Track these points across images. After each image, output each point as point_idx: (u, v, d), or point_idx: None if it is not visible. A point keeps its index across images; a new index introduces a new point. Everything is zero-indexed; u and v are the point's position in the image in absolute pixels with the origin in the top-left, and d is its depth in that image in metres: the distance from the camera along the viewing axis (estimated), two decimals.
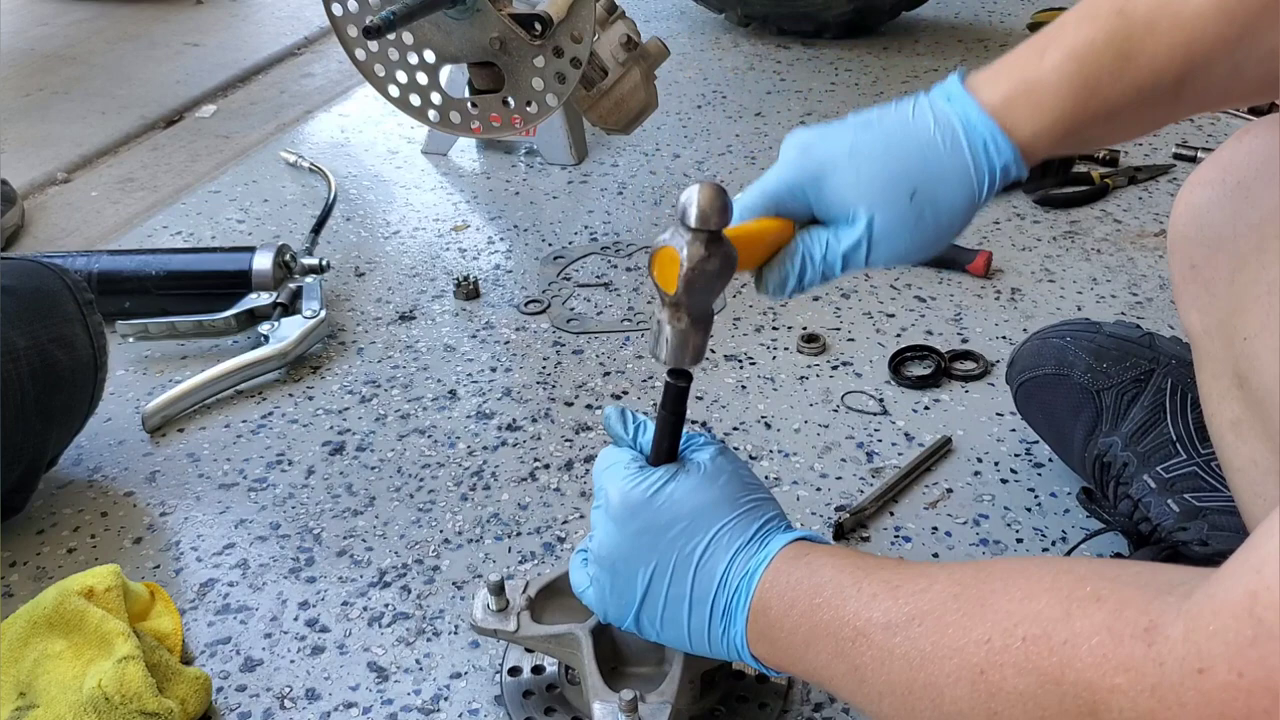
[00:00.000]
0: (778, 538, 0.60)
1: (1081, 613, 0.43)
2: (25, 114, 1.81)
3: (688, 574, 0.60)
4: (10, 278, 0.87)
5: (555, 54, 1.13)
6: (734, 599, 0.59)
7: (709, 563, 0.60)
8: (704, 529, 0.61)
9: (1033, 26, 1.97)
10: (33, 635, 0.72)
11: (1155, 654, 0.39)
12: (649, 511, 0.61)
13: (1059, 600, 0.44)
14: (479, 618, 0.70)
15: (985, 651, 0.46)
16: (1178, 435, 0.80)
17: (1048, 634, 0.43)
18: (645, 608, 0.62)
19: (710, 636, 0.60)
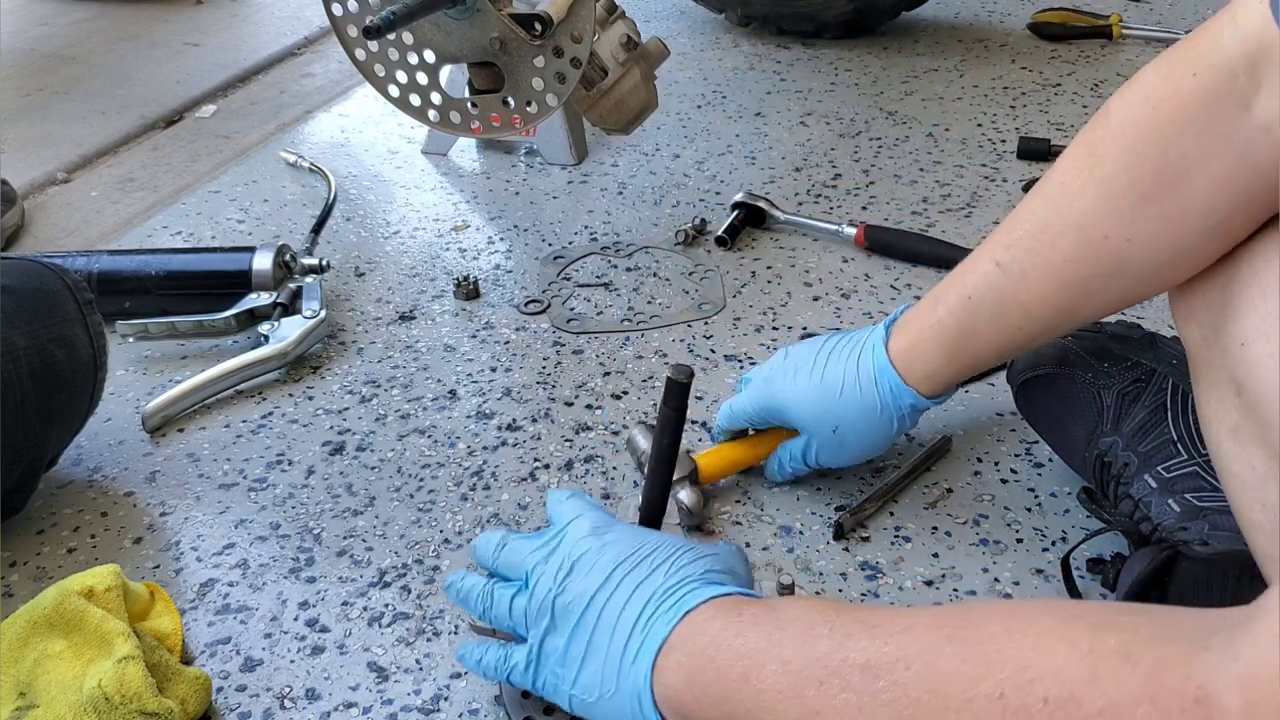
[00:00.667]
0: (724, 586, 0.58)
1: (1112, 676, 0.38)
2: (25, 114, 1.81)
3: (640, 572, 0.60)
4: (10, 278, 0.87)
5: (555, 54, 1.13)
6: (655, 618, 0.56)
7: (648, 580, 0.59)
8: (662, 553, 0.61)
9: (1033, 27, 1.97)
10: (33, 635, 0.72)
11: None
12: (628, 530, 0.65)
13: (1080, 656, 0.40)
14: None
15: (999, 710, 0.41)
16: (1179, 435, 0.80)
17: (1076, 699, 0.39)
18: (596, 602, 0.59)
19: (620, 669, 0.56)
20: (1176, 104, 0.61)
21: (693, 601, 0.56)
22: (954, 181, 1.45)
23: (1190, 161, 0.60)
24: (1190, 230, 0.61)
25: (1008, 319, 0.72)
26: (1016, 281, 0.70)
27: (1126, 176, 0.63)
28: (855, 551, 0.86)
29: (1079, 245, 0.66)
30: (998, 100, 1.71)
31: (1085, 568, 0.82)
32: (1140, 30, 1.93)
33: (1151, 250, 0.63)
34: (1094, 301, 0.69)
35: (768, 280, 1.24)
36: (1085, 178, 0.66)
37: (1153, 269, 0.64)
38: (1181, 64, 0.61)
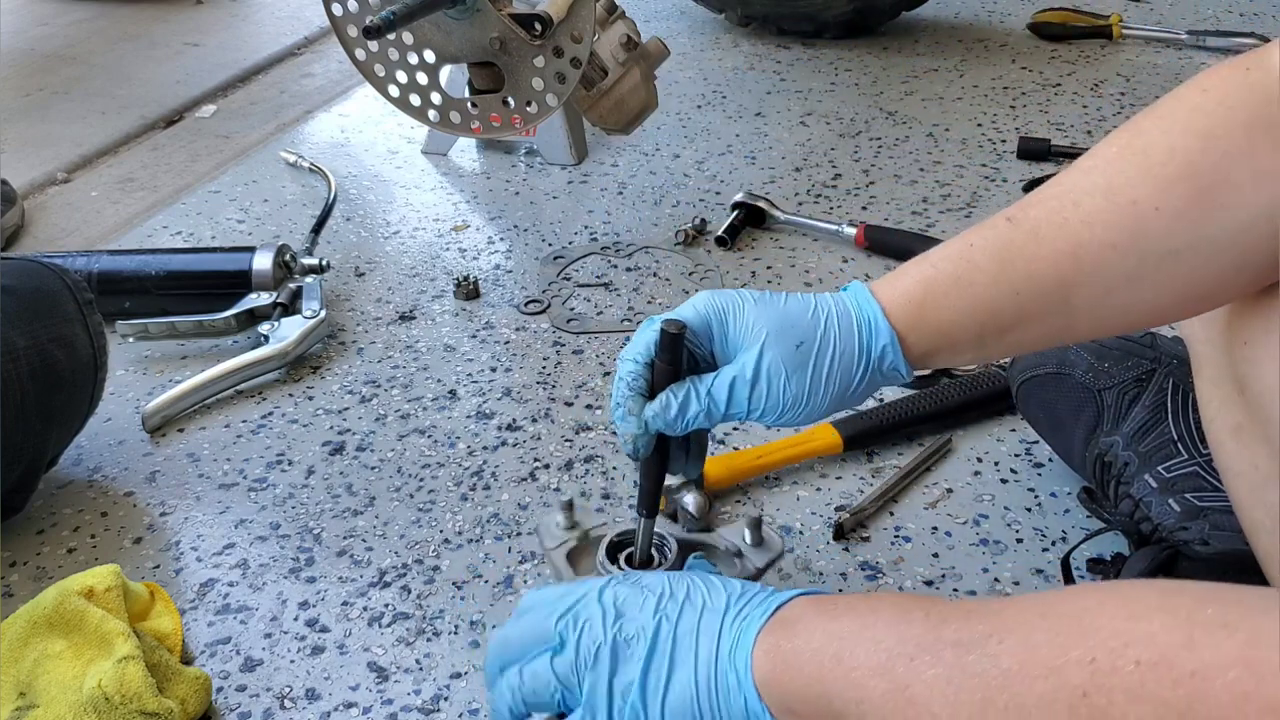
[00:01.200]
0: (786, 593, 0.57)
1: (1209, 641, 0.38)
2: (25, 114, 1.81)
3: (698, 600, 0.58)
4: (10, 278, 0.87)
5: (555, 54, 1.13)
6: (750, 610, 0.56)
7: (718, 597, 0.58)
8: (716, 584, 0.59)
9: (1033, 27, 1.97)
10: (33, 635, 0.72)
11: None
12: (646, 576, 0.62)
13: (1178, 623, 0.40)
14: (549, 540, 0.79)
15: (1089, 673, 0.40)
16: (1179, 435, 0.80)
17: (1169, 661, 0.39)
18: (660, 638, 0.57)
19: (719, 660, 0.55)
20: (1228, 91, 0.57)
21: (780, 600, 0.56)
22: (954, 181, 1.45)
23: (1235, 148, 0.56)
24: (1216, 220, 0.57)
25: (1009, 275, 0.62)
26: (1028, 236, 0.62)
27: (1169, 149, 0.58)
28: (855, 551, 0.86)
29: (1104, 207, 0.59)
30: (998, 100, 1.71)
31: (1085, 568, 0.82)
32: (1140, 30, 1.93)
33: (1172, 229, 0.58)
34: (1096, 282, 0.61)
35: (768, 280, 1.24)
36: (1123, 146, 0.60)
37: (1165, 254, 0.58)
38: (1236, 63, 0.59)
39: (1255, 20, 2.03)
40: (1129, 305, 0.61)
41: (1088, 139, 1.56)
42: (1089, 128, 1.60)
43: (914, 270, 0.66)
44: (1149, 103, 0.64)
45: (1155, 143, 0.59)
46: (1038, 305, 0.62)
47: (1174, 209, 0.57)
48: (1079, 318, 0.62)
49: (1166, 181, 0.58)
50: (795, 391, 0.65)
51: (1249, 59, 0.58)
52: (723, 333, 0.66)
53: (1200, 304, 0.61)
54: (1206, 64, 1.81)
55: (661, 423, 0.65)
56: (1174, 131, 0.58)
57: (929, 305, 0.64)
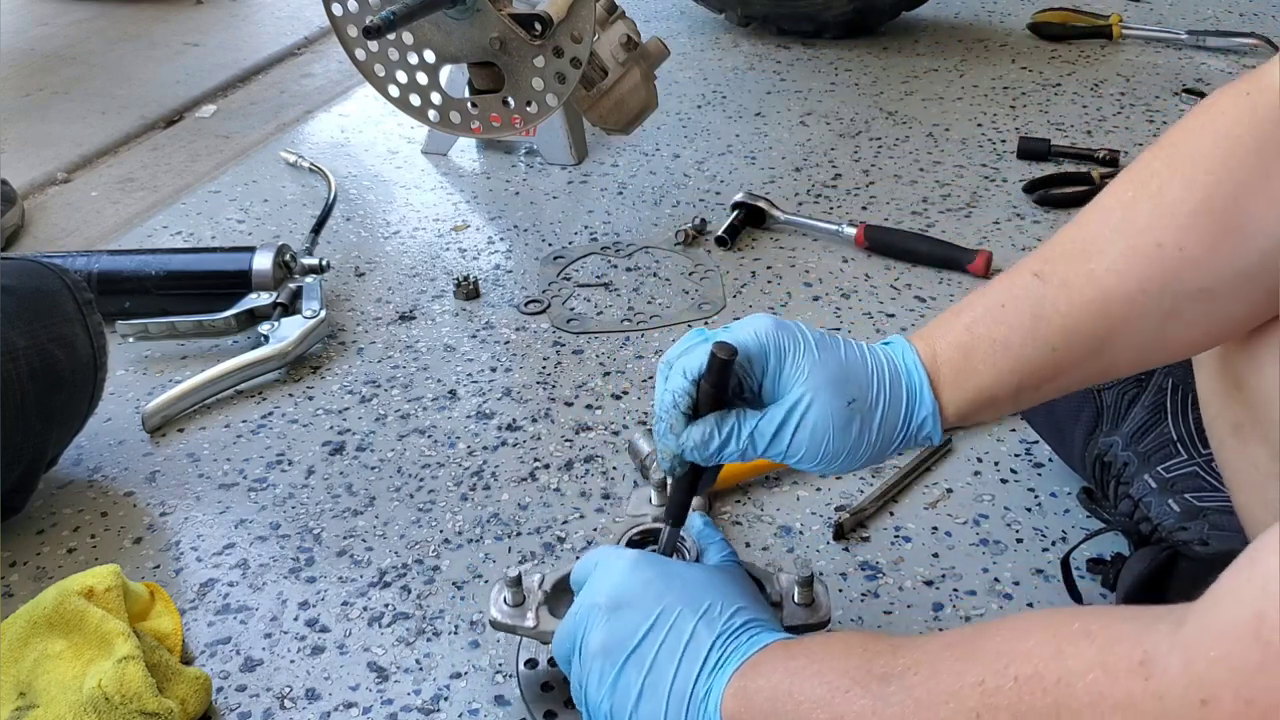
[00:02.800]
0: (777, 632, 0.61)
1: (1073, 650, 0.42)
2: (25, 114, 1.81)
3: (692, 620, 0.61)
4: (10, 278, 0.87)
5: (555, 54, 1.13)
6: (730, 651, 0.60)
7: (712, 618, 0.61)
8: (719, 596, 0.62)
9: (1033, 27, 1.97)
10: (33, 635, 0.72)
11: (1154, 688, 0.38)
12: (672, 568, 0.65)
13: (1049, 638, 0.44)
14: (497, 614, 0.71)
15: (979, 694, 0.45)
16: (1178, 435, 0.80)
17: (1040, 673, 0.43)
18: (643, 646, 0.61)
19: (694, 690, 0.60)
20: (1231, 120, 0.58)
21: (761, 643, 0.60)
22: (954, 181, 1.45)
23: (1250, 177, 0.56)
24: (1243, 252, 0.56)
25: (1043, 335, 0.62)
26: (1058, 290, 0.61)
27: (1185, 186, 0.58)
28: (855, 551, 0.86)
29: (1128, 254, 0.59)
30: (998, 100, 1.71)
31: (1085, 568, 0.82)
32: (1140, 30, 1.93)
33: (1204, 266, 0.57)
34: (1132, 328, 0.60)
35: (768, 280, 1.24)
36: (1138, 191, 0.60)
37: (1197, 292, 0.58)
38: (1234, 87, 0.59)
39: (1255, 20, 2.03)
40: (1166, 341, 0.61)
41: (1088, 139, 1.56)
42: (1089, 128, 1.60)
43: (951, 335, 0.65)
44: (1149, 102, 0.64)
45: (1169, 183, 0.59)
46: (1074, 356, 0.62)
47: (1199, 248, 0.57)
48: (1119, 359, 0.62)
49: (1188, 219, 0.57)
50: (837, 447, 0.64)
51: (1247, 82, 0.58)
52: (778, 368, 0.64)
53: (1237, 331, 0.60)
54: (1206, 64, 1.81)
55: (699, 455, 0.65)
56: (1185, 168, 0.58)
57: (968, 372, 0.64)
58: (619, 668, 0.61)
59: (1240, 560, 0.38)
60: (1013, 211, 1.37)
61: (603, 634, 0.62)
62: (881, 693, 0.50)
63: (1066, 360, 0.62)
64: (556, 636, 0.67)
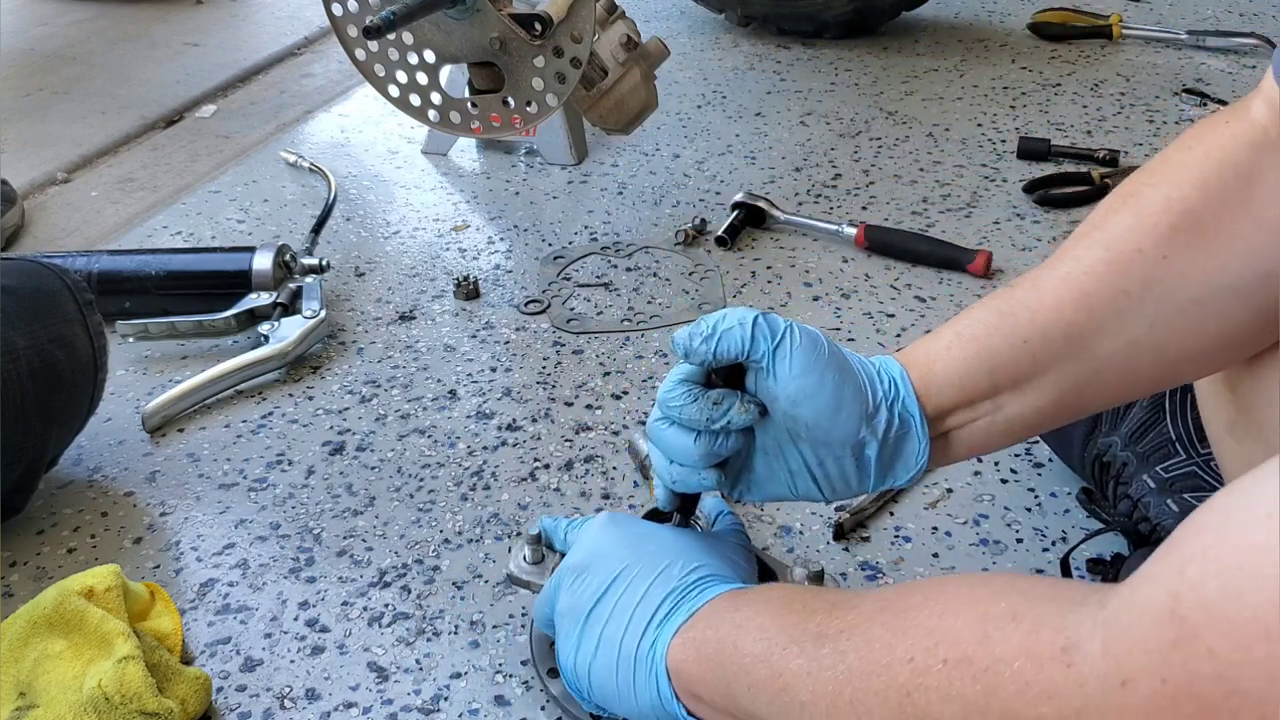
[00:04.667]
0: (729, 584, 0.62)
1: (1000, 635, 0.42)
2: (25, 114, 1.81)
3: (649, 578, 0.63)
4: (10, 278, 0.87)
5: (555, 54, 1.13)
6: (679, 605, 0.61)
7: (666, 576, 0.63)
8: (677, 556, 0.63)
9: (1033, 27, 1.97)
10: (33, 635, 0.72)
11: (1076, 675, 0.38)
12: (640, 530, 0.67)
13: (976, 619, 0.43)
14: (515, 570, 0.73)
15: (909, 671, 0.45)
16: (1177, 435, 0.80)
17: (969, 658, 0.42)
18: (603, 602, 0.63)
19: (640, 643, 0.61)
20: (1212, 143, 0.57)
21: (711, 594, 0.61)
22: (954, 181, 1.45)
23: (1234, 197, 0.56)
24: (1228, 269, 0.55)
25: (1010, 327, 0.60)
26: (1026, 289, 0.60)
27: (1165, 200, 0.57)
28: (855, 551, 0.86)
29: (1107, 258, 0.58)
30: (998, 100, 1.71)
31: (1085, 568, 0.82)
32: (1140, 30, 1.93)
33: (1186, 277, 0.56)
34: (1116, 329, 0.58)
35: (768, 280, 1.24)
36: (1117, 205, 0.60)
37: (1187, 303, 0.56)
38: (1212, 120, 0.59)
39: (1255, 20, 2.03)
40: (1157, 355, 0.59)
41: (1088, 139, 1.56)
42: (1089, 128, 1.60)
43: (919, 339, 0.65)
44: (1149, 103, 0.64)
45: (1150, 196, 0.58)
46: (1049, 352, 0.59)
47: (1182, 257, 0.56)
48: (1104, 365, 0.59)
49: (1169, 230, 0.57)
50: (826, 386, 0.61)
51: (1226, 113, 0.59)
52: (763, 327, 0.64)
53: (1240, 351, 0.59)
54: (1206, 64, 1.81)
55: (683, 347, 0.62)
56: (1167, 184, 0.58)
57: (934, 358, 0.62)
58: (580, 626, 0.64)
59: (1164, 544, 0.38)
60: (1013, 211, 1.37)
61: (568, 596, 0.65)
62: (816, 654, 0.50)
63: (1042, 355, 0.59)
64: (536, 601, 0.70)
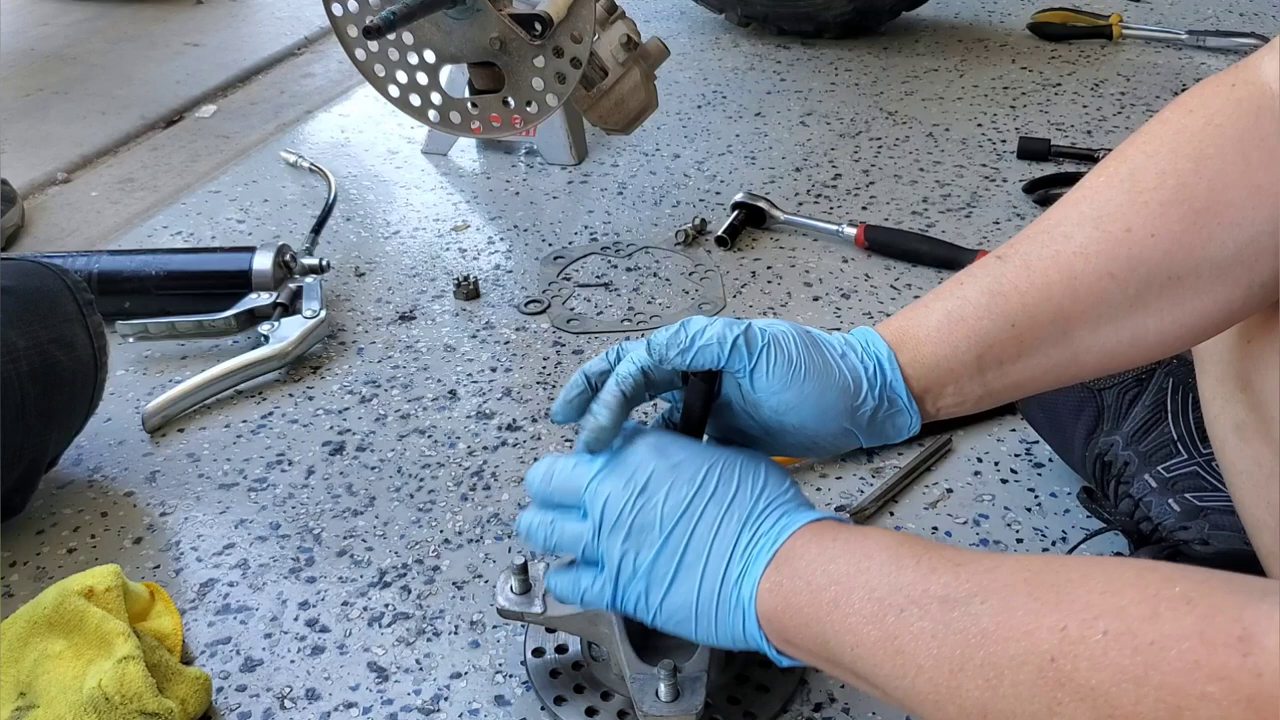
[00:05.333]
0: (805, 512, 0.59)
1: (1171, 615, 0.41)
2: (25, 114, 1.81)
3: (713, 523, 0.59)
4: (10, 278, 0.87)
5: (555, 54, 1.13)
6: (759, 541, 0.57)
7: (736, 517, 0.59)
8: (737, 489, 0.60)
9: (1033, 27, 1.97)
10: (33, 635, 0.72)
11: (1252, 664, 0.38)
12: (683, 455, 0.61)
13: (1146, 599, 0.42)
14: (504, 602, 0.71)
15: (1059, 639, 0.43)
16: (1179, 435, 0.80)
17: (1132, 632, 0.41)
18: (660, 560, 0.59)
19: (721, 596, 0.58)
20: (1214, 109, 0.57)
21: (790, 528, 0.58)
22: (954, 181, 1.45)
23: (1230, 166, 0.55)
24: (1218, 242, 0.55)
25: (1000, 309, 0.60)
26: (1018, 269, 0.60)
27: (1158, 173, 0.57)
28: None
29: (1097, 237, 0.58)
30: (998, 100, 1.71)
31: None
32: (1140, 30, 1.93)
33: (1173, 254, 0.57)
34: (1099, 313, 0.59)
35: (768, 280, 1.24)
36: (1110, 175, 0.60)
37: (1169, 280, 0.57)
38: (1218, 79, 0.58)
39: (1255, 20, 2.03)
40: (1136, 335, 0.59)
41: (1088, 139, 1.56)
42: (1089, 128, 1.60)
43: (909, 311, 0.65)
44: (1149, 103, 0.64)
45: (1143, 168, 0.58)
46: (1035, 336, 0.60)
47: (1170, 234, 0.56)
48: (1085, 349, 0.60)
49: (1160, 207, 0.57)
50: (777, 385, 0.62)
51: (1233, 75, 0.58)
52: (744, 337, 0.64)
53: (1211, 328, 0.59)
54: (1206, 64, 1.81)
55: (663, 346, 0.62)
56: (1162, 155, 0.58)
57: (924, 339, 0.63)
58: (650, 558, 0.60)
59: None
60: (1013, 212, 1.37)
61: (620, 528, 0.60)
62: (944, 616, 0.48)
63: (1028, 338, 0.60)
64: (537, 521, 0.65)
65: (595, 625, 0.70)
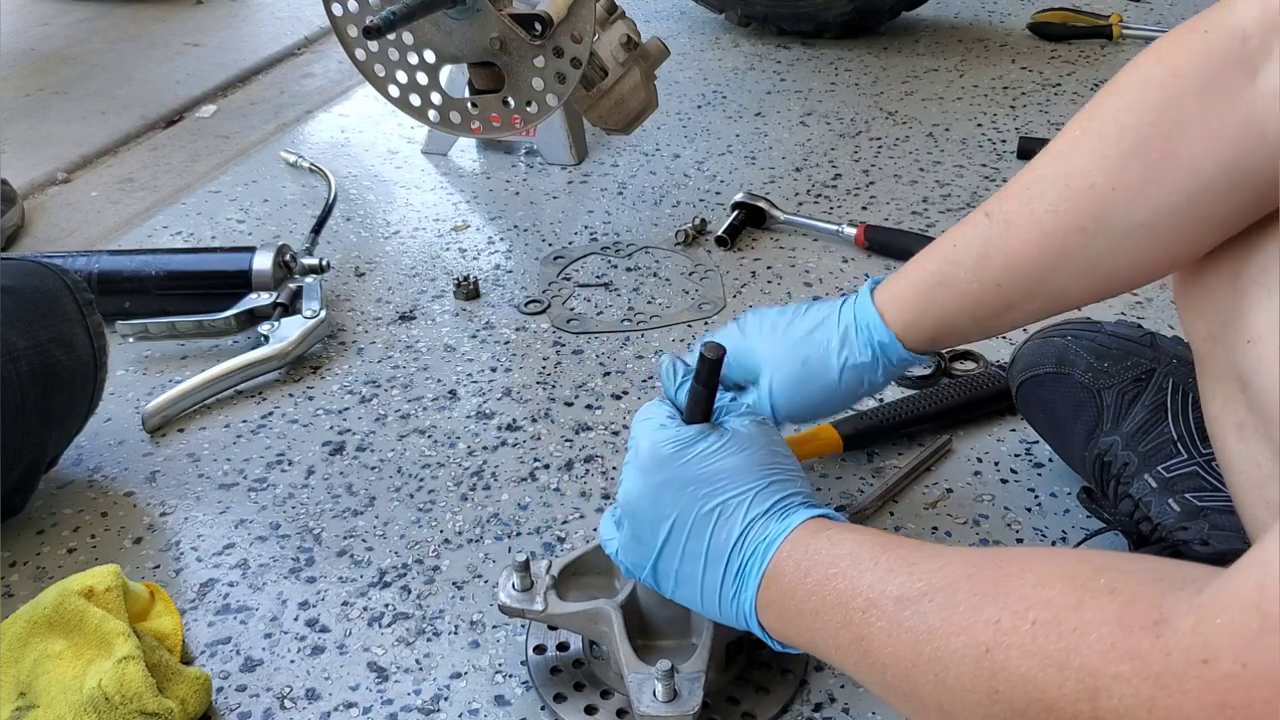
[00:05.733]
0: (800, 512, 0.61)
1: (1094, 603, 0.43)
2: (25, 114, 1.81)
3: (705, 531, 0.62)
4: (10, 278, 0.87)
5: (555, 54, 1.13)
6: (748, 562, 0.60)
7: (727, 524, 0.61)
8: (726, 490, 0.62)
9: (1033, 27, 1.97)
10: (33, 635, 0.72)
11: (1163, 645, 0.40)
12: (675, 465, 0.64)
13: (1073, 589, 0.45)
14: (506, 599, 0.72)
15: (993, 631, 0.46)
16: (1179, 435, 0.80)
17: (1058, 620, 0.44)
18: (662, 561, 0.64)
19: (721, 598, 0.62)
20: (1181, 59, 0.60)
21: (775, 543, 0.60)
22: (954, 181, 1.45)
23: (1188, 116, 0.59)
24: (1174, 189, 0.60)
25: (987, 270, 0.69)
26: (1001, 231, 0.68)
27: (1120, 126, 0.62)
28: None
29: (1065, 194, 0.65)
30: (998, 100, 1.71)
31: None
32: (1140, 30, 1.93)
33: (1134, 204, 0.62)
34: (1072, 264, 0.66)
35: (768, 280, 1.24)
36: (1083, 129, 0.65)
37: (1132, 229, 0.63)
38: (1193, 24, 0.61)
39: None
40: (1112, 275, 0.66)
41: None
42: None
43: (908, 274, 0.74)
44: None
45: (1109, 121, 0.63)
46: (1021, 291, 0.69)
47: (1131, 186, 0.62)
48: (1068, 292, 0.68)
49: (1120, 160, 0.62)
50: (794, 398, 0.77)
51: (1208, 20, 0.61)
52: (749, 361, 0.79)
53: (1181, 260, 0.64)
54: None
55: None
56: (1128, 108, 0.62)
57: (921, 308, 0.73)
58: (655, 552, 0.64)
59: (1263, 536, 0.40)
60: None
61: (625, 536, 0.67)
62: (897, 616, 0.51)
63: (1014, 295, 0.69)
64: None
65: (595, 623, 0.70)
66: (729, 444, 0.64)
